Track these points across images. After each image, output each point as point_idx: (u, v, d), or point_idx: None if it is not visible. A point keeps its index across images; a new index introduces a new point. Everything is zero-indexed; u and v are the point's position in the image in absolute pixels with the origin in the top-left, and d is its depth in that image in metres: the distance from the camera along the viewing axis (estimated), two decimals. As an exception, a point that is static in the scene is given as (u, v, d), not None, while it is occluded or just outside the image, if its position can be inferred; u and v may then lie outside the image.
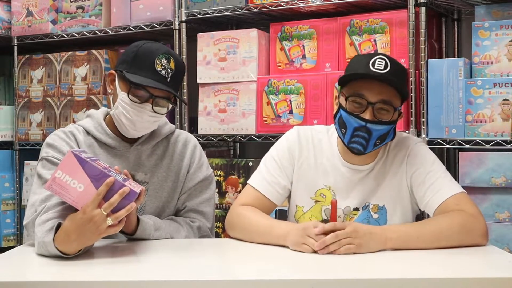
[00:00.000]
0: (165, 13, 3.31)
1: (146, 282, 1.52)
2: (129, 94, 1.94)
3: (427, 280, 1.51)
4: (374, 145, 1.93)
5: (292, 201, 2.09)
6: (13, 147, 3.83)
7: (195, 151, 2.15)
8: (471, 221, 1.84)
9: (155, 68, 1.93)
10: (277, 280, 1.55)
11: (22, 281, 1.57)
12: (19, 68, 3.79)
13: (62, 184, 1.70)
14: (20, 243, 3.76)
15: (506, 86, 2.58)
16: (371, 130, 1.89)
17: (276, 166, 2.05)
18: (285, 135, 2.10)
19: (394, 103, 1.91)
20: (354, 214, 2.01)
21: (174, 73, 1.96)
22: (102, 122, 2.06)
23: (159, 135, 2.10)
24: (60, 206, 1.84)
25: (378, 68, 1.88)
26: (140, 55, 1.95)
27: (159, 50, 1.95)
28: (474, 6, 2.89)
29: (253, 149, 3.60)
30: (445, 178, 1.96)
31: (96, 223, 1.67)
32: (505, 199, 2.58)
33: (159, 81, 1.93)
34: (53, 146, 2.00)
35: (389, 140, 1.97)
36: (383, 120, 1.90)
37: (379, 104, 1.89)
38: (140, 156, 2.06)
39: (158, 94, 1.95)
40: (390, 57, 1.94)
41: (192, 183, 2.11)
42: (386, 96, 1.89)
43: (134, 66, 1.94)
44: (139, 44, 1.99)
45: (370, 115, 1.89)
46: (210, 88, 3.20)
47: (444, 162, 3.08)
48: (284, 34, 3.08)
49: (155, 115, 1.97)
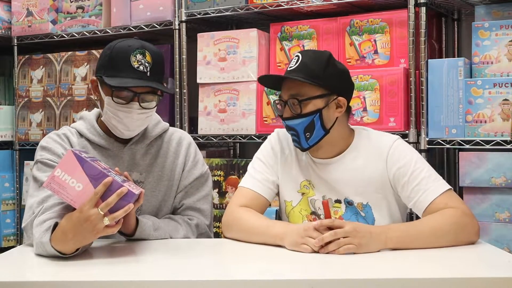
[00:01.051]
0: (165, 13, 3.31)
1: (145, 282, 1.52)
2: (113, 97, 1.93)
3: (427, 280, 1.51)
4: (306, 139, 1.98)
5: (281, 197, 2.13)
6: (13, 147, 3.83)
7: (190, 148, 2.15)
8: (464, 219, 1.86)
9: (132, 66, 1.91)
10: (277, 280, 1.55)
11: (22, 281, 1.57)
12: (19, 68, 3.79)
13: (61, 183, 1.70)
14: (20, 243, 3.76)
15: (506, 86, 2.58)
16: (291, 126, 1.99)
17: (263, 165, 2.11)
18: (268, 138, 2.19)
19: (303, 95, 1.95)
20: (337, 207, 2.03)
21: (152, 66, 1.94)
22: (94, 124, 2.06)
23: (152, 133, 2.09)
24: (58, 206, 1.84)
25: (290, 66, 1.98)
26: (114, 56, 1.94)
27: (132, 47, 1.93)
28: (474, 6, 2.89)
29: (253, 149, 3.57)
30: (430, 177, 1.96)
31: (93, 222, 1.67)
32: (505, 199, 2.58)
33: (139, 77, 1.91)
34: (47, 149, 2.01)
35: (320, 130, 1.98)
36: (295, 114, 1.96)
37: (291, 99, 1.97)
38: (134, 156, 2.06)
39: (141, 91, 1.93)
40: (306, 51, 2.03)
41: (188, 181, 2.11)
42: (293, 90, 1.97)
43: (111, 69, 1.93)
44: (112, 45, 1.97)
45: (287, 112, 1.99)
46: (210, 88, 3.20)
47: (444, 162, 3.08)
48: (284, 34, 3.08)
49: (145, 111, 1.96)
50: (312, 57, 1.98)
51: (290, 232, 1.81)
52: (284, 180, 2.10)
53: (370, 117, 2.81)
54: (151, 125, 2.10)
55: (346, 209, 2.03)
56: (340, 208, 2.03)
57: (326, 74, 1.96)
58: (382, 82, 2.79)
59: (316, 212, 2.06)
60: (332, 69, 1.98)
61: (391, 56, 2.85)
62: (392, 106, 2.77)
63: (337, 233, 1.73)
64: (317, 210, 2.06)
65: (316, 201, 2.06)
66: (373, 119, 2.78)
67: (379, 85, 2.79)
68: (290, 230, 1.82)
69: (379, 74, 2.81)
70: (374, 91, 2.80)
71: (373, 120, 2.78)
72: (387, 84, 2.78)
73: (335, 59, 2.02)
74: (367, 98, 2.81)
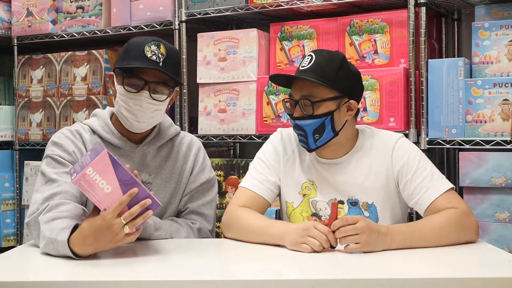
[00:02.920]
0: (165, 13, 3.31)
1: (146, 282, 1.52)
2: (124, 85, 1.94)
3: (427, 280, 1.51)
4: (314, 140, 1.97)
5: (282, 198, 2.13)
6: (13, 147, 3.83)
7: (199, 153, 2.15)
8: (465, 219, 1.87)
9: (145, 55, 1.92)
10: (277, 280, 1.55)
11: (22, 281, 1.57)
12: (19, 68, 3.79)
13: (91, 182, 1.68)
14: (20, 243, 3.76)
15: (506, 86, 2.58)
16: (301, 126, 1.96)
17: (264, 166, 2.10)
18: (270, 138, 2.17)
19: (316, 96, 1.94)
20: (340, 208, 2.03)
21: (166, 58, 1.93)
22: (108, 122, 2.06)
23: (165, 136, 2.09)
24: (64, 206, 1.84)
25: (303, 66, 1.96)
26: (130, 47, 1.96)
27: (148, 39, 1.96)
28: (474, 6, 2.89)
29: (253, 149, 3.59)
30: (433, 176, 1.97)
31: (114, 231, 1.67)
32: (505, 199, 2.58)
33: (151, 65, 1.91)
34: (58, 145, 2.00)
35: (330, 133, 1.97)
36: (307, 115, 1.94)
37: (303, 100, 1.95)
38: (145, 157, 2.06)
39: (152, 80, 1.93)
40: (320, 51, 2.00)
41: (194, 185, 2.11)
42: (306, 91, 1.95)
43: (125, 58, 1.95)
44: (131, 39, 2.01)
45: (298, 112, 1.97)
46: (210, 88, 3.20)
47: (444, 162, 3.08)
48: (284, 34, 3.08)
49: (154, 103, 1.95)
50: (326, 57, 1.96)
51: (290, 232, 1.81)
52: (285, 180, 2.10)
53: (370, 117, 2.81)
54: (164, 127, 2.10)
55: (349, 210, 2.03)
56: (343, 209, 2.03)
57: (339, 77, 1.95)
58: (382, 82, 2.79)
59: (318, 213, 2.06)
60: (345, 72, 1.97)
61: (391, 56, 2.85)
62: (392, 106, 2.77)
63: (347, 231, 1.74)
64: (318, 211, 2.06)
65: (317, 202, 2.06)
66: (373, 119, 2.78)
67: (379, 85, 2.79)
68: (290, 229, 1.82)
69: (379, 74, 2.81)
70: (374, 91, 2.80)
71: (373, 120, 2.78)
72: (387, 84, 2.78)
73: (348, 61, 2.01)
74: (367, 98, 2.81)
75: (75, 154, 1.98)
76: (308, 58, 1.96)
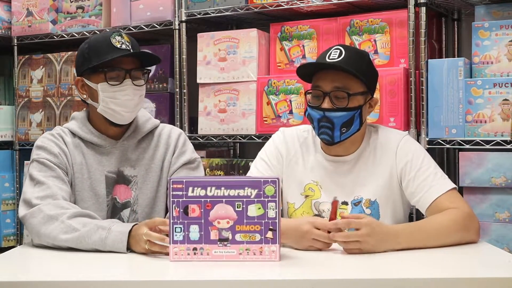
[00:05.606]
0: (165, 13, 3.31)
1: (146, 282, 1.52)
2: (107, 80, 1.99)
3: (427, 280, 1.51)
4: (341, 133, 1.96)
5: (284, 199, 2.12)
6: (13, 147, 3.83)
7: (179, 138, 2.18)
8: (467, 219, 1.87)
9: (114, 46, 1.99)
10: (277, 280, 1.55)
11: (22, 281, 1.57)
12: (19, 68, 3.79)
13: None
14: (20, 243, 3.76)
15: (506, 86, 2.58)
16: (330, 119, 1.94)
17: (265, 165, 2.10)
18: (272, 137, 2.16)
19: (350, 89, 1.94)
20: (343, 209, 2.02)
21: (133, 44, 2.03)
22: (86, 122, 2.11)
23: (143, 129, 2.14)
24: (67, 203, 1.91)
25: (332, 58, 1.93)
26: (93, 46, 2.02)
27: (108, 33, 2.02)
28: (474, 6, 2.89)
29: (253, 149, 3.60)
30: (436, 175, 1.97)
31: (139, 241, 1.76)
32: (505, 199, 2.58)
33: (127, 53, 1.99)
34: (43, 148, 2.05)
35: (357, 127, 1.98)
36: (340, 107, 1.93)
37: (335, 92, 1.94)
38: (126, 151, 2.11)
39: (130, 67, 2.01)
40: (347, 46, 2.00)
41: (177, 166, 2.13)
42: (339, 83, 1.94)
43: (94, 57, 2.00)
44: (85, 42, 2.06)
45: (328, 104, 1.94)
46: (210, 88, 3.20)
47: (444, 162, 3.08)
48: (284, 34, 3.08)
49: (138, 89, 2.03)
50: (355, 52, 1.99)
51: (290, 230, 1.81)
52: (287, 181, 2.09)
53: (370, 116, 2.79)
54: (142, 120, 2.15)
55: (352, 210, 2.03)
56: (346, 210, 2.03)
57: (369, 73, 1.98)
58: (382, 82, 2.78)
59: (320, 215, 2.05)
60: (372, 69, 2.01)
61: (391, 56, 2.85)
62: (392, 106, 2.77)
63: (349, 236, 1.73)
64: (321, 213, 2.05)
65: (320, 203, 2.05)
66: (373, 119, 2.78)
67: (379, 85, 2.78)
68: (290, 227, 1.82)
69: (379, 74, 2.79)
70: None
71: (373, 120, 2.78)
72: (387, 84, 2.78)
73: None
74: (367, 98, 2.80)
75: (60, 156, 2.03)
76: (337, 51, 1.94)
